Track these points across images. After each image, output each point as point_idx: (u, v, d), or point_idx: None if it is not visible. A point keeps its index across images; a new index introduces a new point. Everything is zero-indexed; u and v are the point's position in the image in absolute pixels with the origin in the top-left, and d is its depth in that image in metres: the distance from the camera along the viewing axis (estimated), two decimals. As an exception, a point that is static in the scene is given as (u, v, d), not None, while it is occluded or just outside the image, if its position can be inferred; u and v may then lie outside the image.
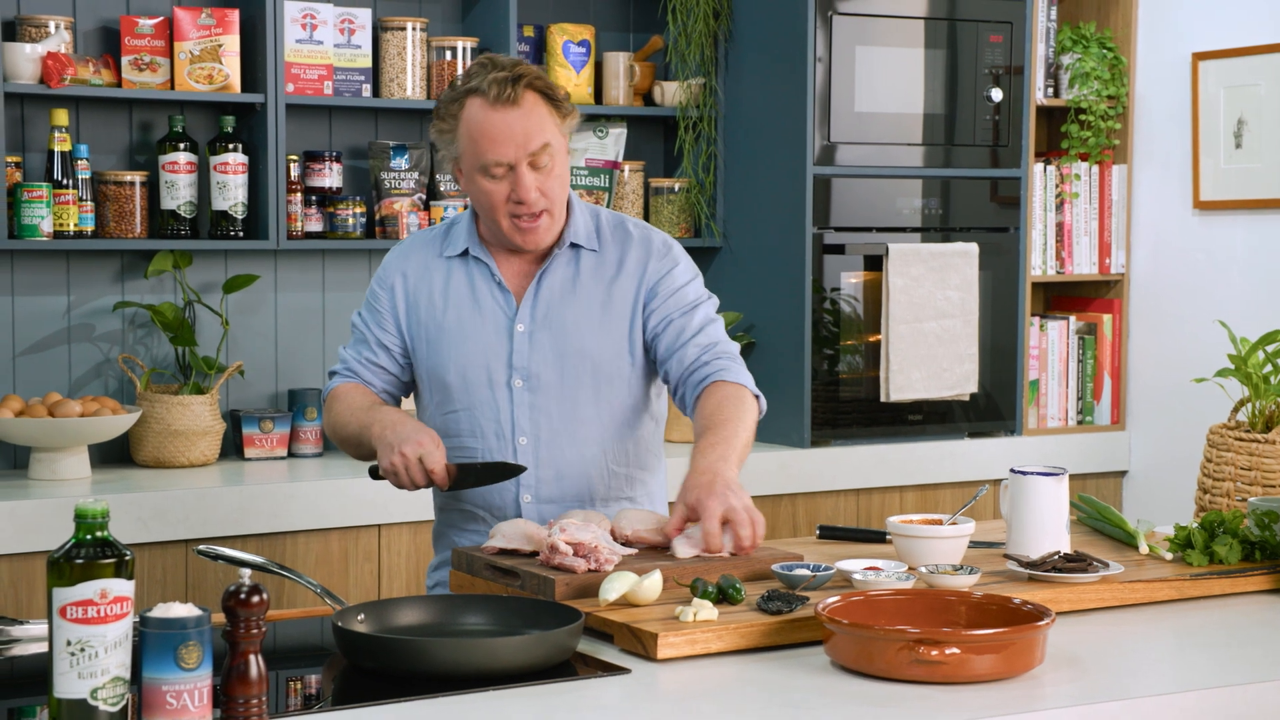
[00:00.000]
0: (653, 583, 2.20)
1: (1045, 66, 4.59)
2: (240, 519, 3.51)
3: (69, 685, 1.72)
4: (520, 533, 2.42)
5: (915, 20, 4.26)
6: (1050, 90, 4.61)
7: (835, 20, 4.14)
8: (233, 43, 3.81)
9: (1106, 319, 4.67)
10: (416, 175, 4.07)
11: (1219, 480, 2.89)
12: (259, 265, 4.02)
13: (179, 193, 3.83)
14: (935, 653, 1.94)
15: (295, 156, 3.95)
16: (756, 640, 2.12)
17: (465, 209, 2.76)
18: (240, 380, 4.03)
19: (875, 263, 4.22)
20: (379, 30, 4.04)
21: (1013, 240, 4.45)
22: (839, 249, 4.21)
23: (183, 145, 3.83)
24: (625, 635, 2.11)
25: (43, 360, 3.85)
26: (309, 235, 3.98)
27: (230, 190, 3.84)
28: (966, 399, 4.36)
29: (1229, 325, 3.14)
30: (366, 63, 4.00)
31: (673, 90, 4.32)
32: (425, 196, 4.10)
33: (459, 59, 4.06)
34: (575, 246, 2.63)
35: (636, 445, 2.67)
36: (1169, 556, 2.57)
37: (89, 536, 1.74)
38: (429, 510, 3.69)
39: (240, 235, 3.87)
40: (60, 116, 3.69)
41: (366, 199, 4.06)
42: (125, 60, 3.78)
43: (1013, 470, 2.54)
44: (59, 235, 3.69)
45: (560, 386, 2.60)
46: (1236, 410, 2.98)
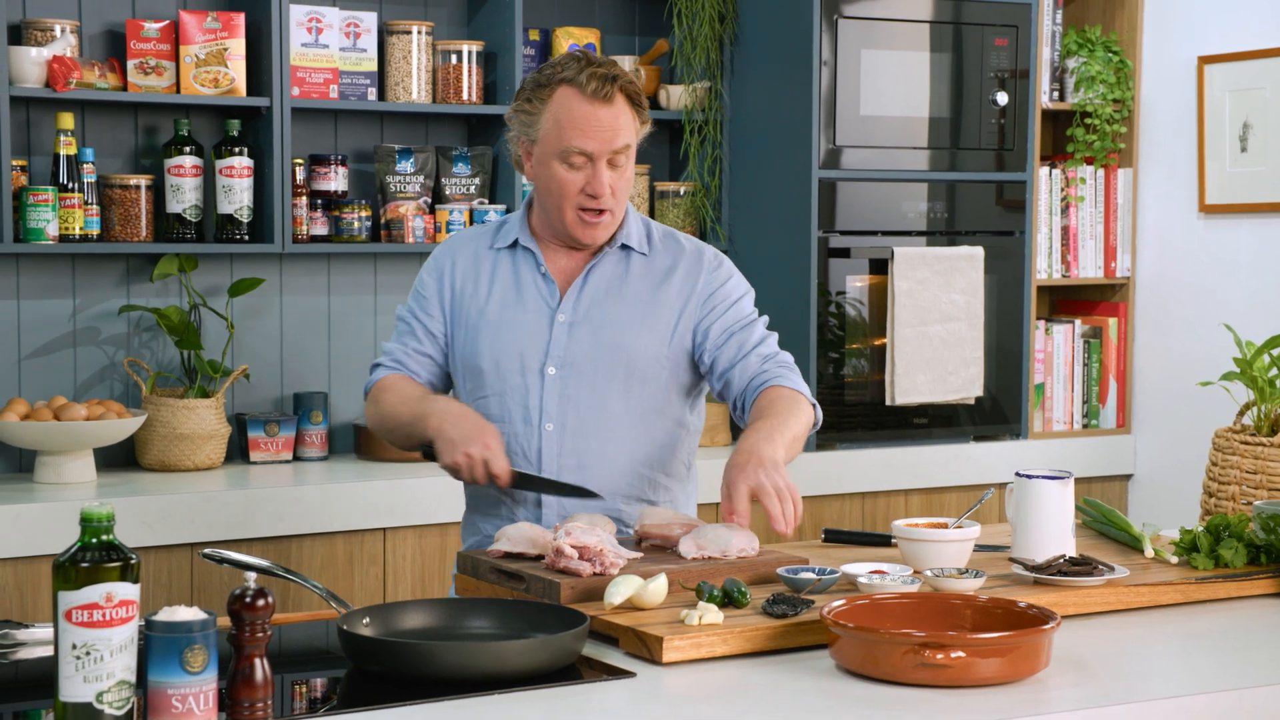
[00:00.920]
0: (658, 586, 2.20)
1: (1051, 70, 4.59)
2: (245, 523, 3.51)
3: (74, 689, 1.72)
4: (525, 537, 2.42)
5: (920, 24, 4.26)
6: (1056, 94, 4.61)
7: (840, 24, 4.14)
8: (238, 46, 3.81)
9: (1112, 322, 4.67)
10: (422, 179, 4.07)
11: (1224, 484, 2.89)
12: (264, 269, 4.02)
13: (184, 196, 3.83)
14: (940, 656, 1.93)
15: (301, 160, 3.96)
16: (761, 644, 2.12)
17: (515, 207, 2.79)
18: (245, 384, 4.03)
19: (880, 266, 4.22)
20: (384, 34, 4.04)
21: (1018, 244, 4.44)
22: (844, 252, 4.21)
23: (188, 149, 3.83)
24: (630, 639, 2.11)
25: (48, 364, 3.85)
26: (314, 239, 3.99)
27: (236, 194, 3.84)
28: (972, 402, 4.36)
29: (1234, 329, 3.13)
30: (372, 66, 4.00)
31: (678, 94, 4.33)
32: (431, 200, 4.10)
33: (464, 62, 4.06)
34: (626, 248, 2.67)
35: (663, 450, 2.68)
36: (1174, 560, 2.57)
37: (94, 540, 1.74)
38: (434, 514, 3.70)
39: (246, 239, 3.87)
40: (66, 120, 3.70)
41: (372, 203, 4.07)
42: (131, 64, 3.79)
43: (1018, 474, 2.54)
44: (64, 239, 3.70)
45: (593, 378, 2.62)
46: (1242, 414, 2.98)
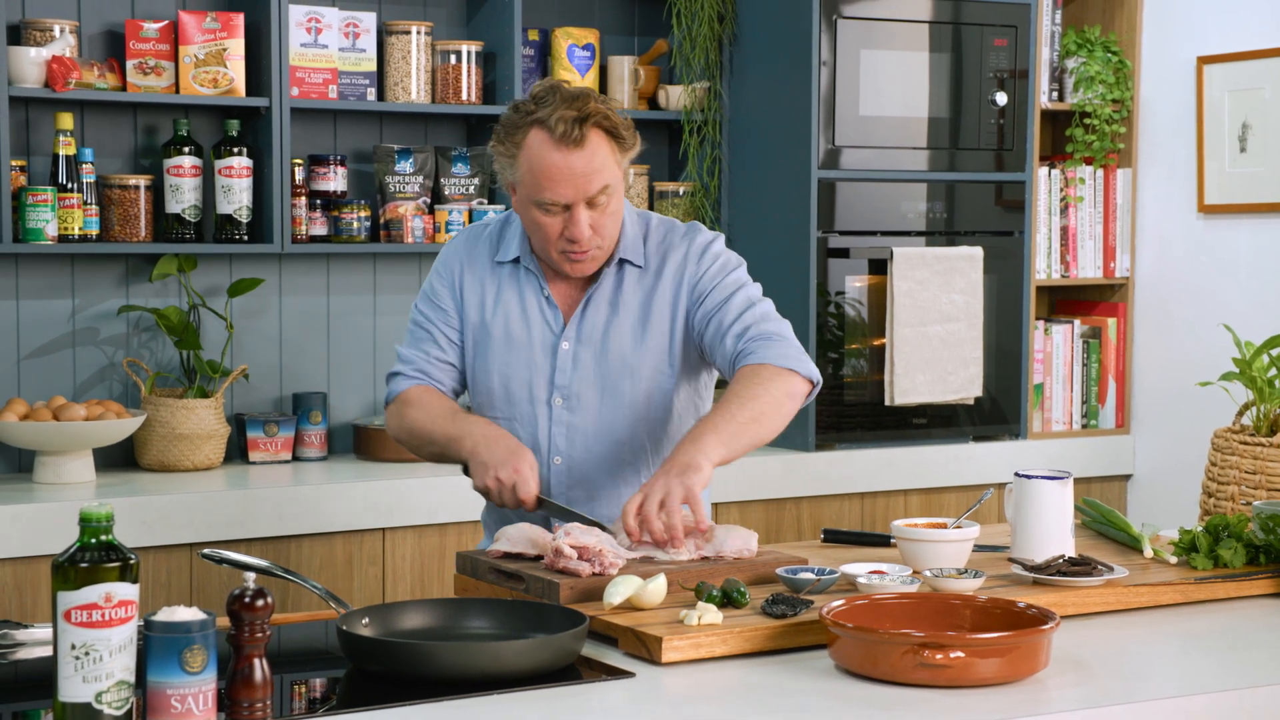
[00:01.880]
0: (657, 586, 2.20)
1: (1050, 70, 4.59)
2: (244, 523, 3.51)
3: (74, 689, 1.72)
4: (525, 537, 2.42)
5: (920, 24, 4.26)
6: (1055, 94, 4.61)
7: (840, 24, 4.14)
8: (237, 46, 3.81)
9: (1111, 323, 4.67)
10: (421, 179, 4.07)
11: (1223, 484, 2.89)
12: (263, 269, 4.02)
13: (184, 196, 3.83)
14: (940, 656, 1.93)
15: (300, 160, 3.95)
16: (761, 644, 2.12)
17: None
18: (245, 384, 4.03)
19: (880, 266, 4.22)
20: (384, 34, 4.04)
21: (1017, 244, 4.44)
22: (843, 253, 4.21)
23: (187, 149, 3.83)
24: (630, 639, 2.11)
25: (47, 364, 3.85)
26: (314, 239, 3.98)
27: (235, 194, 3.84)
28: (971, 402, 4.36)
29: (1233, 329, 3.13)
30: (371, 66, 4.00)
31: (677, 94, 4.33)
32: (430, 200, 4.10)
33: (464, 63, 4.06)
34: (624, 263, 2.62)
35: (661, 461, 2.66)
36: (1174, 560, 2.57)
37: (93, 540, 1.74)
38: (433, 515, 3.70)
39: (245, 239, 3.87)
40: (65, 120, 3.70)
41: (371, 203, 4.07)
42: (130, 64, 3.78)
43: (1017, 474, 2.54)
44: (64, 239, 3.69)
45: (599, 408, 2.60)
46: (1241, 414, 2.98)
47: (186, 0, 3.91)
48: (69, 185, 3.69)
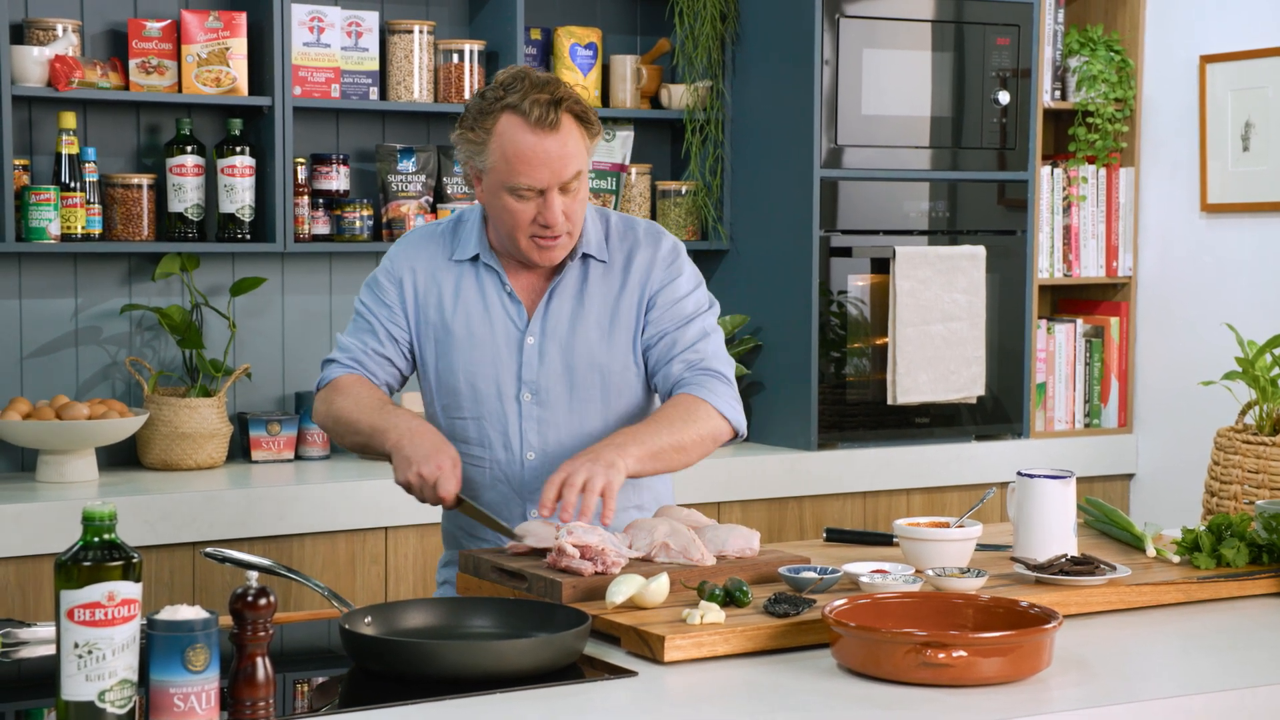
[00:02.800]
0: (659, 585, 2.20)
1: (1052, 69, 4.58)
2: (247, 522, 3.51)
3: (77, 688, 1.72)
4: (551, 533, 2.40)
5: (922, 23, 4.26)
6: (1058, 93, 4.61)
7: (842, 23, 4.14)
8: (240, 46, 3.82)
9: (1114, 322, 4.66)
10: (424, 178, 4.07)
11: (1226, 483, 2.89)
12: (266, 268, 4.02)
13: (186, 195, 3.83)
14: (942, 656, 1.93)
15: (302, 159, 3.96)
16: (763, 643, 2.12)
17: (474, 204, 2.74)
18: (247, 383, 4.03)
19: (882, 265, 4.22)
20: (386, 33, 4.04)
21: (1020, 243, 4.44)
22: (846, 252, 4.21)
23: (190, 148, 3.83)
24: (632, 638, 2.11)
25: (50, 363, 3.85)
26: (316, 238, 3.99)
27: (237, 193, 3.84)
28: (973, 402, 4.36)
29: (1236, 328, 3.13)
30: (374, 65, 4.00)
31: (680, 93, 4.33)
32: (432, 199, 4.10)
33: (466, 62, 4.06)
34: (586, 257, 2.62)
35: None
36: (1176, 559, 2.57)
37: (96, 539, 1.74)
38: (435, 513, 3.69)
39: (247, 238, 3.87)
40: (68, 119, 3.70)
41: (374, 202, 4.07)
42: (133, 63, 3.79)
43: (1020, 473, 2.54)
44: (66, 238, 3.70)
45: (569, 400, 2.59)
46: (1244, 413, 2.98)
47: (189, 0, 3.92)
48: (72, 184, 3.69)
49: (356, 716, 1.86)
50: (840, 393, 4.22)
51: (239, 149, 3.84)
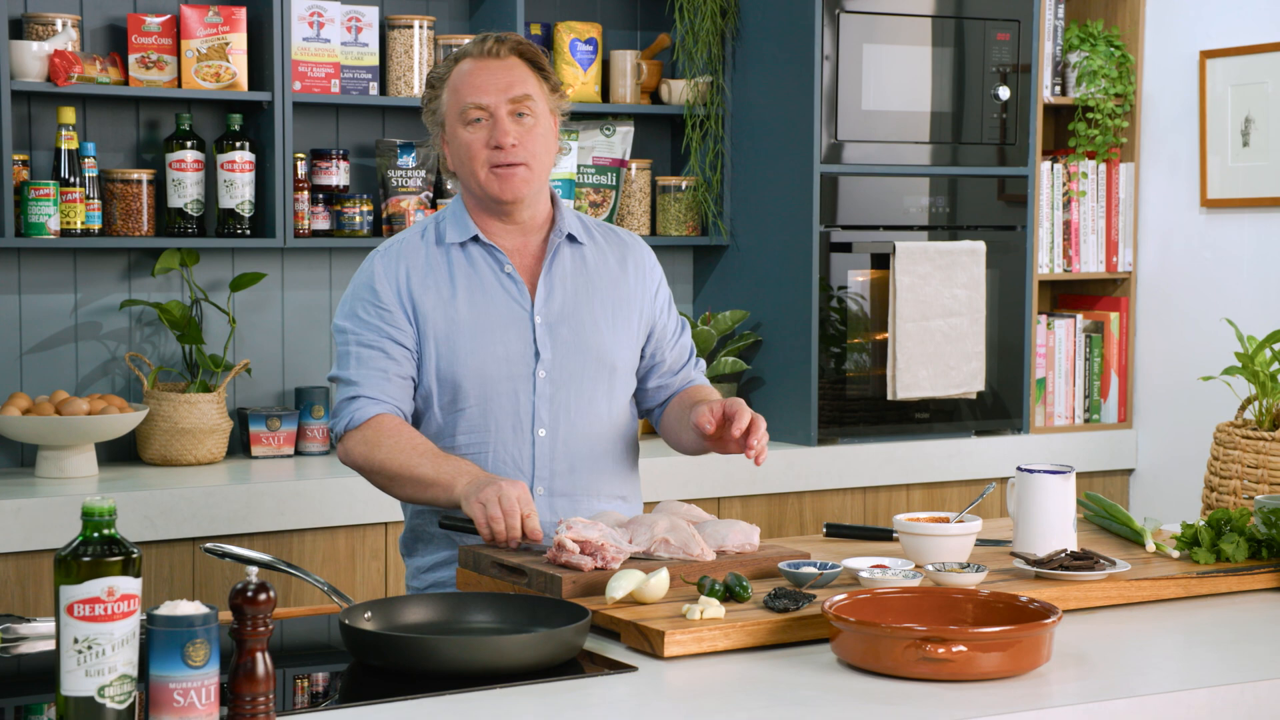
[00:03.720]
0: (659, 580, 2.20)
1: (1053, 64, 4.58)
2: (247, 517, 3.52)
3: (76, 683, 1.72)
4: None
5: (923, 18, 4.26)
6: (1058, 88, 4.60)
7: (843, 18, 4.14)
8: (240, 41, 3.81)
9: (1114, 317, 4.66)
10: (423, 173, 4.07)
11: (1226, 478, 2.89)
12: (266, 263, 4.02)
13: (186, 191, 3.83)
14: (942, 650, 1.93)
15: (302, 154, 3.95)
16: (763, 638, 2.12)
17: (447, 203, 2.75)
18: (247, 378, 4.03)
19: (882, 261, 4.22)
20: (386, 28, 4.04)
21: (1020, 238, 4.44)
22: (846, 247, 4.21)
23: (190, 143, 3.83)
24: (632, 633, 2.11)
25: (50, 358, 3.85)
26: (316, 233, 3.99)
27: (237, 188, 3.84)
28: (973, 397, 4.36)
29: (1236, 323, 3.14)
30: (374, 61, 4.00)
31: (680, 88, 4.32)
32: (432, 194, 4.10)
33: (466, 57, 4.06)
34: (572, 240, 2.65)
35: (629, 444, 2.70)
36: (1176, 554, 2.57)
37: (96, 534, 1.74)
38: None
39: (247, 233, 3.87)
40: (67, 115, 3.70)
41: (373, 197, 4.07)
42: (132, 58, 3.78)
43: (1019, 468, 2.54)
44: (66, 233, 3.70)
45: (580, 380, 2.61)
46: (1243, 408, 2.98)
47: (189, -6, 3.91)
48: (71, 180, 3.69)
49: (356, 712, 1.87)
50: (840, 388, 4.22)
51: (239, 144, 3.84)
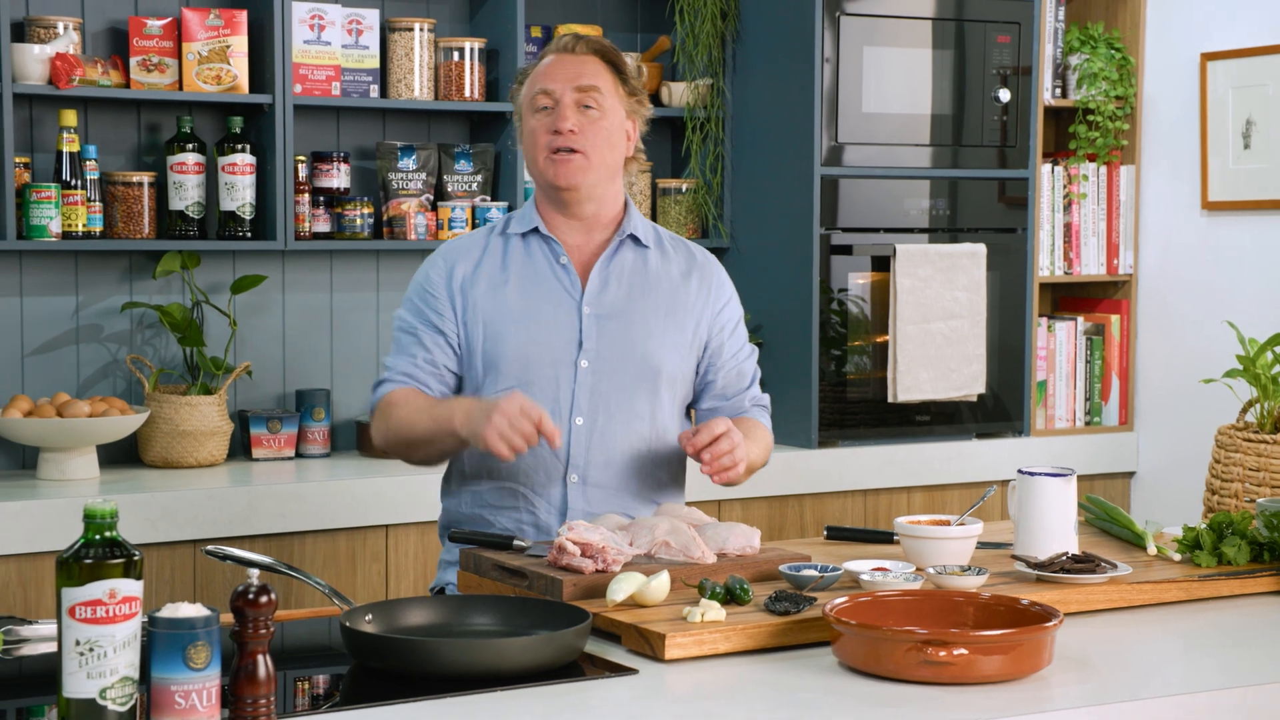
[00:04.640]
0: (660, 583, 2.20)
1: (1053, 67, 4.58)
2: (248, 519, 3.52)
3: (78, 685, 1.72)
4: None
5: (923, 21, 4.26)
6: (1058, 91, 4.60)
7: (843, 21, 4.14)
8: (241, 44, 3.81)
9: (1114, 320, 4.66)
10: (424, 176, 4.07)
11: (1227, 481, 2.89)
12: (267, 266, 4.02)
13: (187, 193, 3.83)
14: (943, 653, 1.93)
15: (303, 157, 3.96)
16: (764, 641, 2.12)
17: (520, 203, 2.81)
18: (248, 381, 4.03)
19: (883, 263, 4.22)
20: (387, 31, 4.04)
21: (1020, 241, 4.44)
22: (846, 250, 4.21)
23: (191, 146, 3.83)
24: (633, 636, 2.11)
25: (51, 361, 3.85)
26: (317, 236, 3.99)
27: (238, 191, 3.84)
28: (974, 400, 4.36)
29: (1237, 326, 3.13)
30: (374, 63, 4.00)
31: (680, 91, 4.32)
32: (433, 197, 4.10)
33: (466, 60, 4.06)
34: (635, 240, 2.67)
35: (674, 454, 2.69)
36: (1177, 557, 2.57)
37: (98, 537, 1.74)
38: (436, 511, 3.69)
39: (248, 236, 3.87)
40: (69, 117, 3.70)
41: (374, 199, 4.07)
42: (133, 61, 3.79)
43: (1020, 471, 2.54)
44: (67, 236, 3.70)
45: (623, 375, 2.62)
46: (1245, 411, 2.98)
47: (190, -3, 3.92)
48: (73, 182, 3.69)
49: (357, 714, 1.87)
50: (841, 391, 4.22)
51: (240, 147, 3.84)
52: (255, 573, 1.84)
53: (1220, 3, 4.42)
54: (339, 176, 4.01)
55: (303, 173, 3.94)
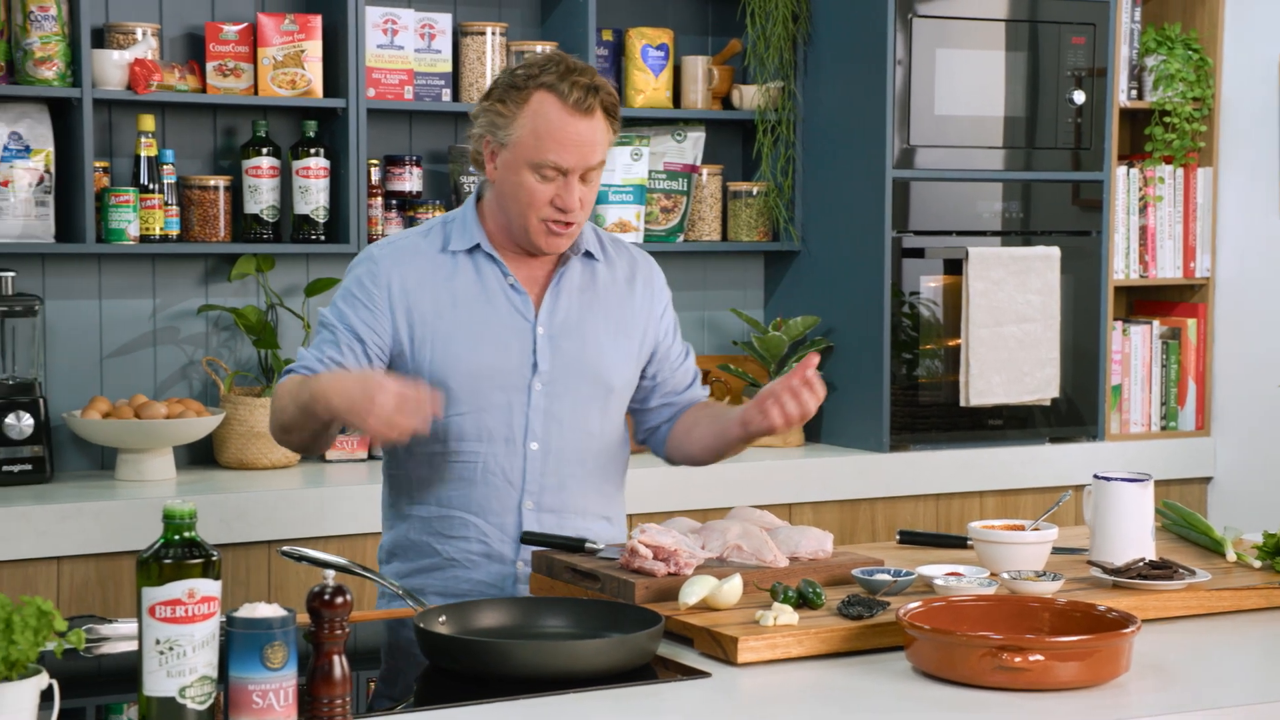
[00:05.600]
0: (733, 587, 2.19)
1: (1129, 68, 4.54)
2: (321, 520, 3.54)
3: (158, 683, 1.74)
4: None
5: (996, 22, 4.23)
6: (1134, 92, 4.56)
7: (915, 23, 4.12)
8: (315, 48, 3.85)
9: (1191, 323, 4.61)
10: (496, 179, 4.09)
11: (1307, 487, 2.85)
12: (340, 268, 4.05)
13: (262, 197, 3.87)
14: (1019, 659, 1.92)
15: (376, 161, 3.98)
16: (837, 645, 2.11)
17: (463, 204, 2.67)
18: (321, 383, 4.06)
19: (955, 266, 4.20)
20: (459, 35, 4.06)
21: (1095, 244, 4.40)
22: (918, 253, 4.18)
23: (265, 150, 3.87)
24: (705, 639, 2.11)
25: (129, 363, 3.90)
26: (390, 239, 4.01)
27: (312, 194, 3.88)
28: (1047, 404, 4.32)
29: (1317, 330, 3.09)
30: (446, 67, 4.02)
31: (751, 94, 4.32)
32: (504, 200, 4.11)
33: (538, 63, 4.07)
34: (589, 255, 2.63)
35: (618, 465, 2.67)
36: (1257, 564, 2.53)
37: (177, 537, 1.76)
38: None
39: (321, 239, 3.90)
40: (147, 122, 3.74)
41: (446, 203, 4.09)
42: (210, 66, 3.83)
43: (1097, 476, 2.52)
44: (145, 239, 3.74)
45: (576, 394, 2.57)
46: (1325, 416, 2.93)
47: (265, 2, 3.95)
48: (150, 186, 3.74)
49: (431, 715, 1.88)
50: (912, 394, 4.20)
51: (313, 150, 3.87)
52: (331, 574, 1.86)
53: (1300, 2, 4.36)
54: (411, 180, 4.04)
55: (375, 176, 3.97)
